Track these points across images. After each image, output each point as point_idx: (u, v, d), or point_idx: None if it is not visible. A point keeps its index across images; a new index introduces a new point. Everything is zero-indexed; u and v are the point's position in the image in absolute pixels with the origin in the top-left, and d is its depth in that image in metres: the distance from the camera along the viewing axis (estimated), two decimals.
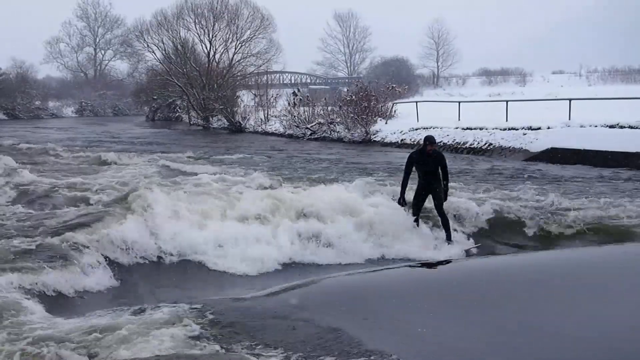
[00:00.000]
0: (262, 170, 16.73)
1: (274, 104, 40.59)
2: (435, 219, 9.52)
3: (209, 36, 47.36)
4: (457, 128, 24.30)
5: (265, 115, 38.92)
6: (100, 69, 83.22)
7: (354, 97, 30.55)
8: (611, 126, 19.85)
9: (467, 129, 23.79)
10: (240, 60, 47.53)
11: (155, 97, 55.54)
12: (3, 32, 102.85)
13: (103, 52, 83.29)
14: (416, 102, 31.19)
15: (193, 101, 45.62)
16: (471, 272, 6.94)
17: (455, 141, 23.28)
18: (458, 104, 28.39)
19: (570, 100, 23.35)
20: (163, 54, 48.03)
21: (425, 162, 9.15)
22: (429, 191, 9.24)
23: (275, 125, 36.01)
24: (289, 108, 35.18)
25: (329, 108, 32.73)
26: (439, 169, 9.15)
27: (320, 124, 31.49)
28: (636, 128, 19.24)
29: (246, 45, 47.48)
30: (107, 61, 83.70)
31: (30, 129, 42.24)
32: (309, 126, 32.05)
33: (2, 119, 58.89)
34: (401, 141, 26.00)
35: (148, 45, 48.62)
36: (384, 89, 35.35)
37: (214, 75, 44.79)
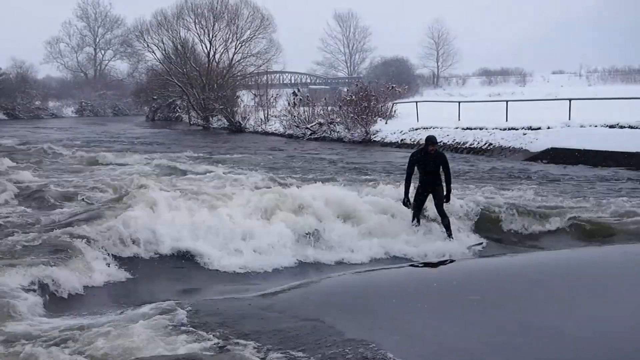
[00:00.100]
0: (262, 170, 16.73)
1: (274, 104, 40.58)
2: (435, 217, 9.51)
3: (209, 36, 47.42)
4: (457, 128, 24.30)
5: (265, 115, 38.92)
6: (100, 69, 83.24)
7: (354, 97, 30.54)
8: (611, 126, 19.87)
9: (467, 129, 23.80)
10: (240, 60, 47.58)
11: (155, 97, 55.54)
12: (3, 32, 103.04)
13: (103, 52, 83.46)
14: (416, 102, 31.18)
15: (193, 101, 45.63)
16: (471, 272, 6.94)
17: (455, 141, 23.29)
18: (458, 104, 28.39)
19: (570, 100, 23.37)
20: (163, 54, 48.10)
21: (427, 162, 9.22)
22: (429, 191, 9.30)
23: (275, 125, 36.01)
24: (289, 108, 35.17)
25: (329, 108, 32.73)
26: (440, 169, 9.21)
27: (320, 124, 31.49)
28: (636, 128, 19.25)
29: (246, 45, 47.58)
30: (107, 61, 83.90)
31: (30, 129, 42.24)
32: (309, 126, 32.05)
33: (2, 119, 58.87)
34: (401, 141, 26.01)
35: (148, 45, 48.76)
36: (384, 89, 35.31)
37: (214, 75, 44.80)
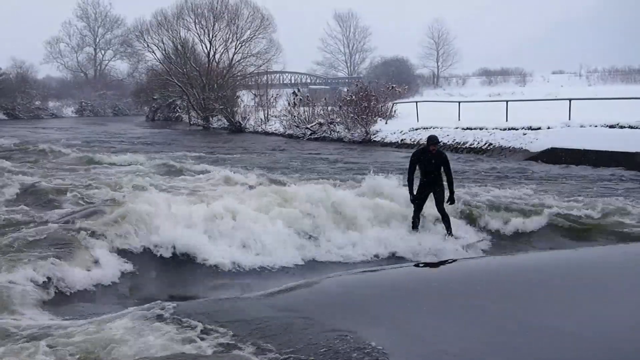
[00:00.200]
0: (262, 170, 16.72)
1: (274, 104, 40.58)
2: (435, 215, 9.58)
3: (209, 36, 47.44)
4: (457, 128, 24.30)
5: (265, 115, 38.92)
6: (100, 69, 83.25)
7: (354, 97, 30.54)
8: (611, 126, 19.87)
9: (467, 129, 23.80)
10: (240, 60, 47.60)
11: (155, 97, 55.55)
12: (3, 32, 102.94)
13: (103, 52, 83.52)
14: (416, 102, 31.18)
15: (193, 101, 45.62)
16: (471, 272, 6.93)
17: (455, 141, 23.28)
18: (458, 104, 28.39)
19: (570, 100, 23.38)
20: (163, 54, 48.12)
21: (428, 162, 9.30)
22: (430, 190, 9.36)
23: (275, 125, 36.00)
24: (289, 108, 35.16)
25: (329, 108, 32.73)
26: (441, 168, 9.25)
27: (320, 124, 31.48)
28: (636, 128, 19.25)
29: (246, 45, 47.62)
30: (107, 61, 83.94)
31: (30, 129, 42.24)
32: (309, 126, 32.04)
33: (2, 119, 58.92)
34: (401, 141, 26.00)
35: (148, 45, 48.81)
36: (384, 89, 35.32)
37: (214, 75, 44.80)
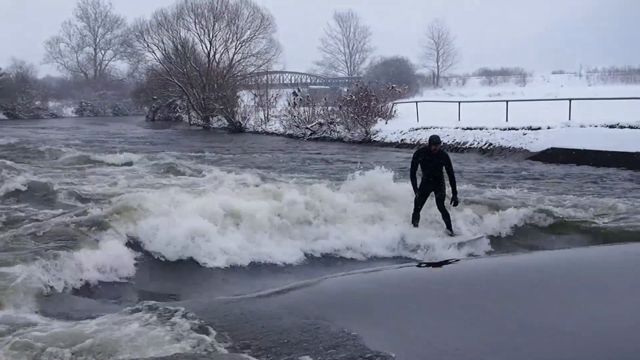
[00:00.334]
0: (261, 170, 16.72)
1: (274, 104, 40.60)
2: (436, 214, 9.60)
3: (209, 36, 47.46)
4: (457, 128, 24.31)
5: (265, 115, 38.93)
6: (100, 69, 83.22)
7: (354, 97, 30.56)
8: (611, 126, 19.88)
9: (467, 129, 23.81)
10: (240, 60, 47.63)
11: (155, 97, 55.54)
12: (3, 32, 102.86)
13: (103, 52, 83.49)
14: (416, 102, 31.18)
15: (193, 101, 45.62)
16: (471, 272, 6.94)
17: (455, 141, 23.29)
18: (458, 104, 28.39)
19: (570, 100, 23.38)
20: (163, 54, 48.12)
21: (430, 162, 9.35)
22: (431, 189, 9.41)
23: (275, 125, 36.01)
24: (289, 108, 35.18)
25: (329, 108, 32.74)
26: (443, 168, 9.29)
27: (320, 124, 31.49)
28: (636, 128, 19.26)
29: (246, 45, 47.66)
30: (107, 61, 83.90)
31: (30, 128, 42.25)
32: (309, 126, 32.04)
33: (2, 119, 58.91)
34: (401, 141, 26.01)
35: (148, 45, 48.82)
36: (384, 89, 35.34)
37: (214, 75, 44.80)
